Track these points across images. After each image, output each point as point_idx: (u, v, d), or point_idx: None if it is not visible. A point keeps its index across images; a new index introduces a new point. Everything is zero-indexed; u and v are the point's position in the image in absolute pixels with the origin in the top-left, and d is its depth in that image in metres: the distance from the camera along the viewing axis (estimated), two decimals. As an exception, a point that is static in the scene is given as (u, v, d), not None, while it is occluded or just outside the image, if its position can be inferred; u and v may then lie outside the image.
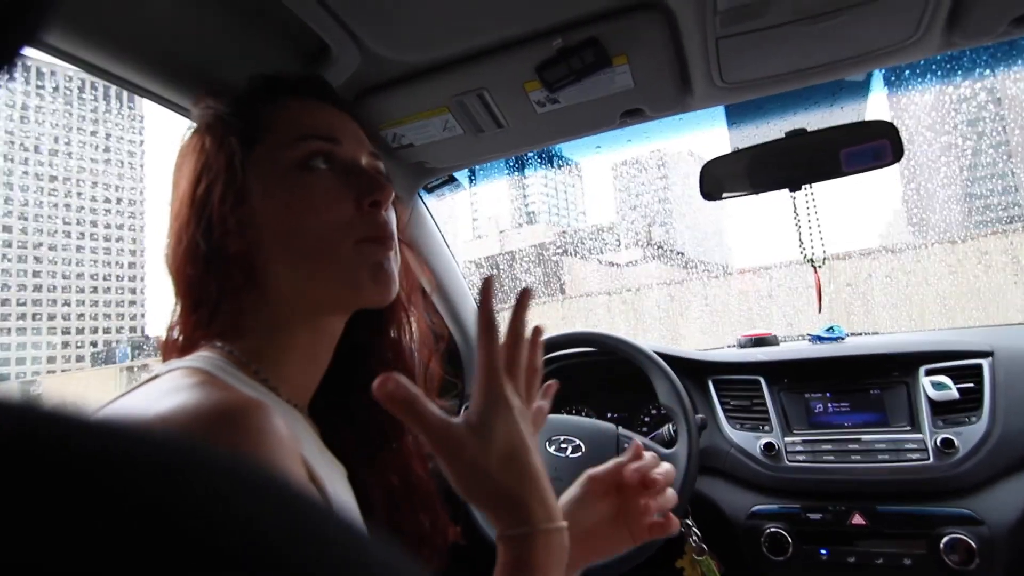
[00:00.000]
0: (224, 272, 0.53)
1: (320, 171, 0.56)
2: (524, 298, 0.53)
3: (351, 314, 0.62)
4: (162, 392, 0.43)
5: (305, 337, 0.58)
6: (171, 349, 0.56)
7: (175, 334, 0.56)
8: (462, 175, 1.45)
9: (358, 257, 0.56)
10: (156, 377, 0.47)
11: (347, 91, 0.95)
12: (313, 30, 0.77)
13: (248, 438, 0.38)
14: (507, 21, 0.83)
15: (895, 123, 1.03)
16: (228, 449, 0.36)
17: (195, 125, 0.60)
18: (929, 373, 1.19)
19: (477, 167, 1.37)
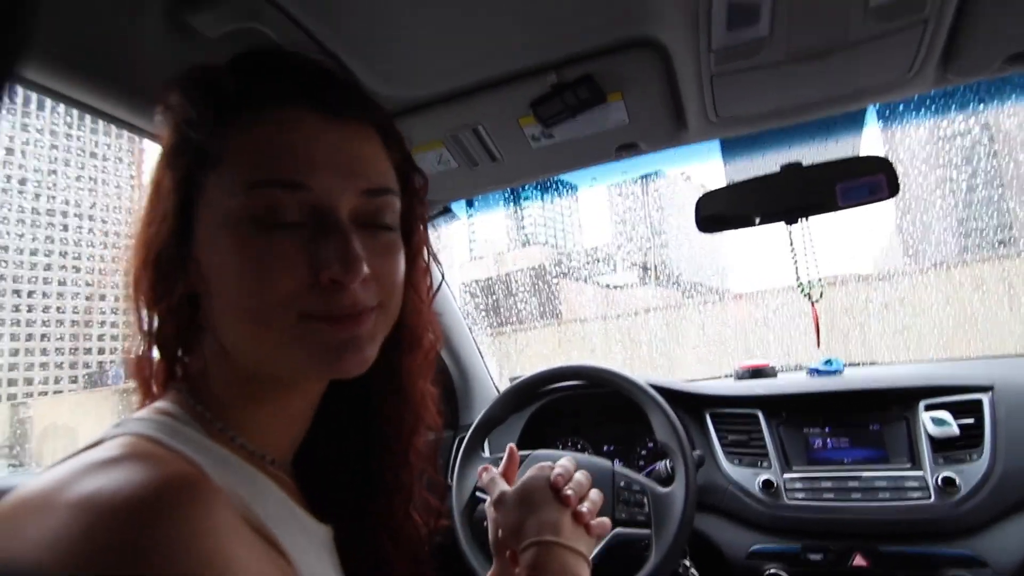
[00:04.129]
0: (175, 316, 0.48)
1: (274, 230, 0.45)
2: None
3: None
4: (87, 469, 0.38)
5: (272, 397, 0.52)
6: (145, 386, 0.52)
7: (144, 369, 0.52)
8: (459, 204, 1.45)
9: (300, 334, 0.46)
10: (100, 442, 0.42)
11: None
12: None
13: (174, 523, 0.35)
14: (502, 59, 0.83)
15: (890, 158, 1.03)
16: (153, 536, 0.34)
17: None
18: (929, 408, 1.17)
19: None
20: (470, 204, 1.65)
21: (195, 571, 0.34)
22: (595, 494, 0.71)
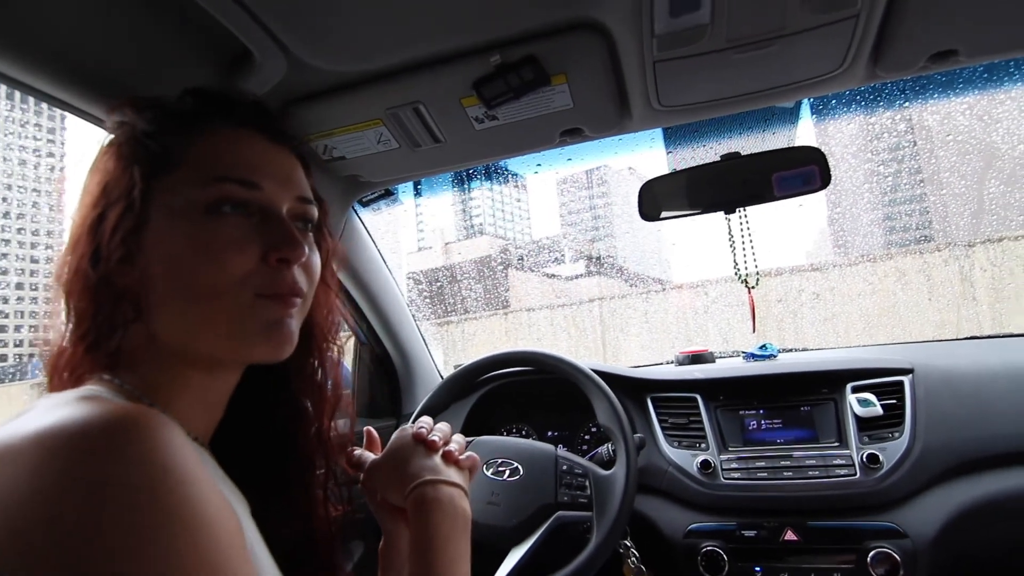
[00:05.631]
0: (111, 305, 0.50)
1: (229, 217, 0.52)
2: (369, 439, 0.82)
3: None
4: (37, 414, 0.39)
5: (198, 381, 0.55)
6: (59, 378, 0.52)
7: (63, 361, 0.52)
8: (407, 188, 1.41)
9: (253, 311, 0.53)
10: (32, 409, 0.42)
11: (272, 100, 0.90)
12: (235, 35, 0.72)
13: (146, 444, 0.37)
14: (444, 35, 0.81)
15: (823, 150, 1.07)
16: (123, 459, 0.35)
17: (109, 137, 0.56)
18: (855, 390, 1.23)
19: (423, 179, 1.34)
20: (417, 192, 1.62)
21: (157, 481, 0.36)
22: (458, 437, 0.77)
